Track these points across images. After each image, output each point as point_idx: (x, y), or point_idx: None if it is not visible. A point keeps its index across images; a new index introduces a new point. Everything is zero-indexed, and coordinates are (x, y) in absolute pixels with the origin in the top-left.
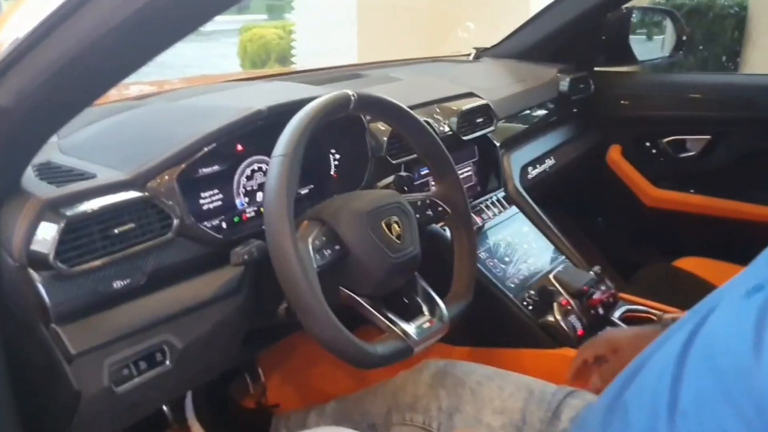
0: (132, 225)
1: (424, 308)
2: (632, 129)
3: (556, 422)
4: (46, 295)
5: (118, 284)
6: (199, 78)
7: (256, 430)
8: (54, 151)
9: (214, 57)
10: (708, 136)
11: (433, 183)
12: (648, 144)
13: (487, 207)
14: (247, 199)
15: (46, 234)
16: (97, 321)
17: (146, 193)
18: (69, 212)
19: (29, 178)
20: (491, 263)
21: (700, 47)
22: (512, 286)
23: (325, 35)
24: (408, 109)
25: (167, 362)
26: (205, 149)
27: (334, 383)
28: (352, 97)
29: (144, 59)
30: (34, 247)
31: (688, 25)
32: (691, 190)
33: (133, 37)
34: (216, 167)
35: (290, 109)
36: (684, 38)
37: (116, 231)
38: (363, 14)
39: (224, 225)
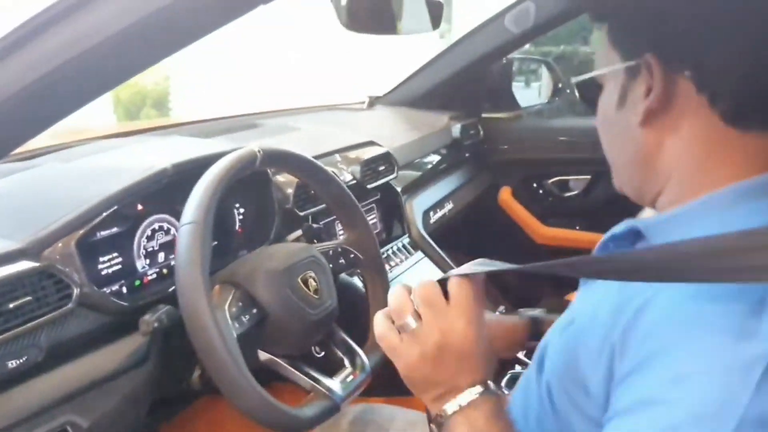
0: (28, 298)
1: (345, 360)
2: (520, 171)
3: None
4: None
5: (13, 363)
6: (71, 133)
7: None
8: None
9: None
10: (588, 176)
11: (341, 231)
12: (535, 185)
13: (394, 254)
14: (148, 261)
15: None
16: None
17: (43, 263)
18: None
19: None
20: None
21: (567, 91)
22: None
23: (202, 81)
24: (315, 161)
25: None
26: (107, 212)
27: None
28: (258, 153)
29: (80, 104)
30: None
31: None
32: (577, 227)
33: (69, 83)
34: (115, 229)
35: (196, 166)
36: (560, 85)
37: (11, 306)
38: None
39: (125, 290)
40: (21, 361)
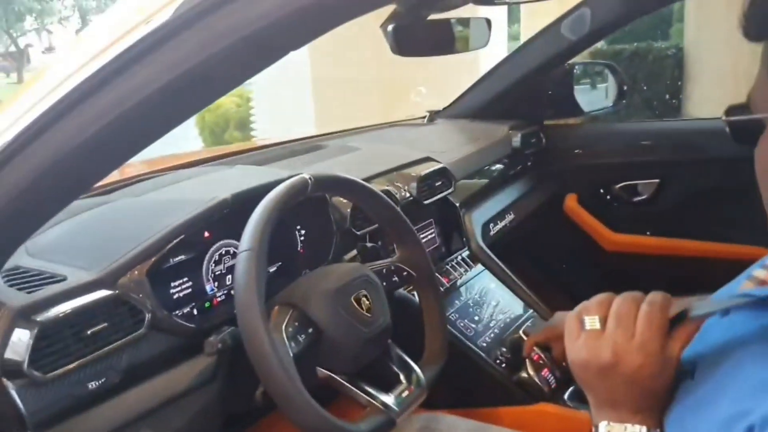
0: (105, 324)
1: (401, 376)
2: (585, 177)
3: None
4: (21, 404)
5: (93, 385)
6: (159, 159)
7: None
8: (21, 254)
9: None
10: (657, 180)
11: (396, 252)
12: (602, 191)
13: (453, 268)
14: (216, 284)
15: (19, 341)
16: (75, 425)
17: (117, 291)
18: (41, 318)
19: None
20: (462, 324)
21: (644, 87)
22: (484, 345)
23: (282, 102)
24: (362, 182)
25: None
26: (174, 242)
27: None
28: (309, 181)
29: (122, 160)
30: (8, 355)
31: (630, 68)
32: (647, 232)
33: (114, 140)
34: (184, 256)
35: (254, 195)
36: (625, 88)
37: (89, 332)
38: (317, 84)
39: (195, 312)
40: (100, 382)
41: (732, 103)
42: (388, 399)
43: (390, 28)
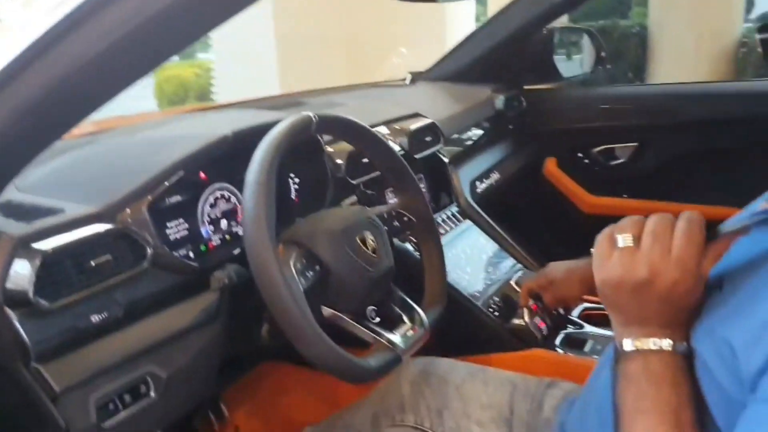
0: (108, 257)
1: (404, 317)
2: (565, 141)
3: (540, 412)
4: (24, 333)
5: (96, 318)
6: (116, 119)
7: None
8: (11, 190)
9: (128, 99)
10: (635, 143)
11: (392, 198)
12: (581, 154)
13: (443, 221)
14: (212, 227)
15: (22, 271)
16: (79, 357)
17: (118, 225)
18: (43, 247)
19: None
20: (455, 275)
21: (608, 65)
22: (477, 294)
23: (245, 70)
24: (367, 127)
25: (152, 393)
26: (174, 177)
27: (304, 412)
28: (314, 119)
29: (119, 89)
30: (10, 285)
31: None
32: (625, 195)
33: (111, 67)
34: (179, 197)
35: (255, 133)
36: (603, 54)
37: (93, 263)
38: (281, 45)
39: (191, 254)
40: (103, 316)
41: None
42: (394, 337)
43: None
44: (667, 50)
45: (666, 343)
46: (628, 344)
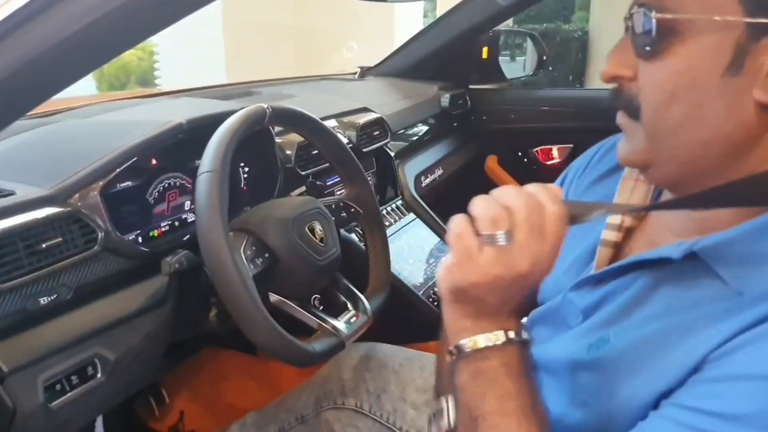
0: (59, 239)
1: (348, 304)
2: (506, 140)
3: None
4: None
5: (44, 300)
6: (66, 100)
7: None
8: None
9: None
10: (571, 145)
11: (340, 189)
12: (520, 153)
13: (388, 214)
14: (162, 214)
15: None
16: (27, 338)
17: (69, 208)
18: None
19: None
20: (397, 266)
21: (550, 68)
22: (418, 285)
23: (191, 56)
24: (319, 119)
25: (99, 375)
26: (127, 163)
27: (246, 398)
28: (267, 110)
29: (77, 76)
30: None
31: None
32: None
33: (72, 54)
34: (131, 182)
35: (210, 122)
36: (545, 58)
37: (43, 246)
38: (229, 34)
39: (141, 239)
40: (52, 298)
41: None
42: (338, 323)
43: None
44: (606, 54)
45: (521, 336)
46: (483, 340)
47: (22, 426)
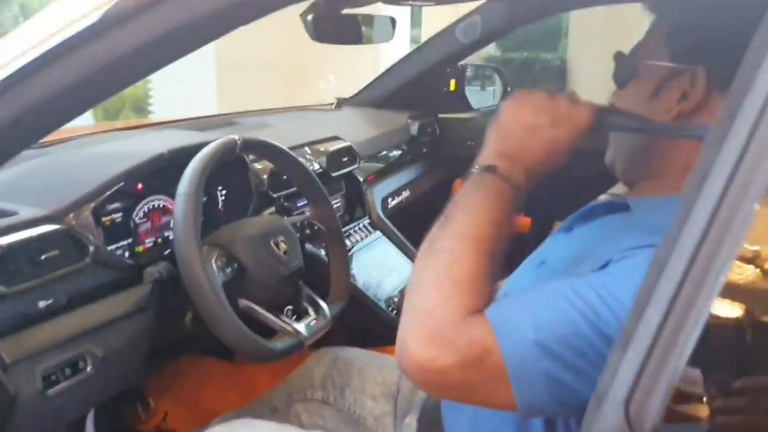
0: (56, 252)
1: (310, 310)
2: (472, 165)
3: (418, 390)
4: None
5: (43, 304)
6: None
7: None
8: None
9: None
10: None
11: (308, 209)
12: None
13: (355, 232)
14: (146, 232)
15: None
16: (27, 335)
17: (65, 226)
18: (1, 243)
19: None
20: (362, 279)
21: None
22: (379, 295)
23: (184, 85)
24: (285, 149)
25: (88, 369)
26: (115, 187)
27: (224, 401)
28: (238, 141)
29: (81, 110)
30: None
31: (518, 75)
32: (522, 214)
33: (80, 93)
34: (119, 204)
35: (188, 152)
36: (509, 89)
37: (43, 258)
38: (222, 65)
39: (127, 254)
40: (49, 302)
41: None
42: (299, 326)
43: (309, 17)
44: (584, 82)
45: (513, 180)
46: (477, 169)
47: (23, 410)
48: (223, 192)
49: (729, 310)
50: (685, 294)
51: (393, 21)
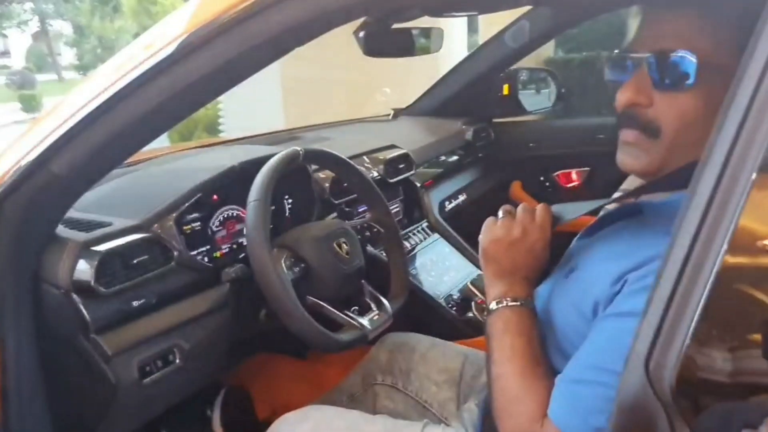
0: (146, 256)
1: (372, 306)
2: (528, 167)
3: (480, 377)
4: (86, 313)
5: (135, 303)
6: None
7: None
8: (71, 210)
9: None
10: (587, 168)
11: (368, 214)
12: (542, 178)
13: (415, 234)
14: (222, 238)
15: (84, 267)
16: (124, 331)
17: (152, 234)
18: (101, 249)
19: (60, 229)
20: (422, 278)
21: (593, 94)
22: (439, 293)
23: (252, 105)
24: (344, 158)
25: (177, 361)
26: (194, 199)
27: (297, 396)
28: (301, 152)
29: (164, 130)
30: (77, 277)
31: (579, 75)
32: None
33: (162, 115)
34: (198, 214)
35: (256, 163)
36: (563, 91)
37: (134, 262)
38: (286, 84)
39: (206, 259)
40: (141, 302)
41: None
42: (363, 320)
43: (362, 34)
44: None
45: (521, 300)
46: (493, 305)
47: (122, 398)
48: (290, 201)
49: None
50: (693, 260)
51: (441, 32)
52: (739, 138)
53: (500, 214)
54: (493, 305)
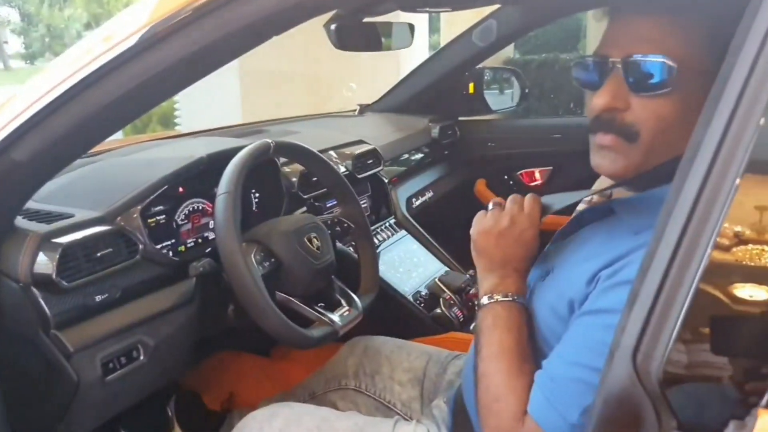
0: (110, 249)
1: (342, 301)
2: (493, 165)
3: (444, 375)
4: (47, 308)
5: (98, 297)
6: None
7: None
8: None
9: None
10: (550, 167)
11: (337, 209)
12: (506, 177)
13: (382, 231)
14: (187, 232)
15: (45, 260)
16: (87, 326)
17: (116, 226)
18: (62, 241)
19: (19, 220)
20: (389, 274)
21: (551, 96)
22: (407, 290)
23: (208, 98)
24: (315, 151)
25: (142, 357)
26: (159, 191)
27: (261, 394)
28: (271, 144)
29: (129, 121)
30: (37, 270)
31: (538, 77)
32: None
33: (128, 105)
34: (163, 206)
35: (225, 155)
36: (526, 91)
37: (98, 255)
38: (245, 77)
39: (171, 252)
40: (104, 296)
41: None
42: (333, 316)
43: (332, 26)
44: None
45: (512, 295)
46: (484, 300)
47: (84, 395)
48: (257, 194)
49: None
50: (681, 253)
51: (411, 27)
52: (728, 133)
53: (490, 206)
54: (484, 300)
